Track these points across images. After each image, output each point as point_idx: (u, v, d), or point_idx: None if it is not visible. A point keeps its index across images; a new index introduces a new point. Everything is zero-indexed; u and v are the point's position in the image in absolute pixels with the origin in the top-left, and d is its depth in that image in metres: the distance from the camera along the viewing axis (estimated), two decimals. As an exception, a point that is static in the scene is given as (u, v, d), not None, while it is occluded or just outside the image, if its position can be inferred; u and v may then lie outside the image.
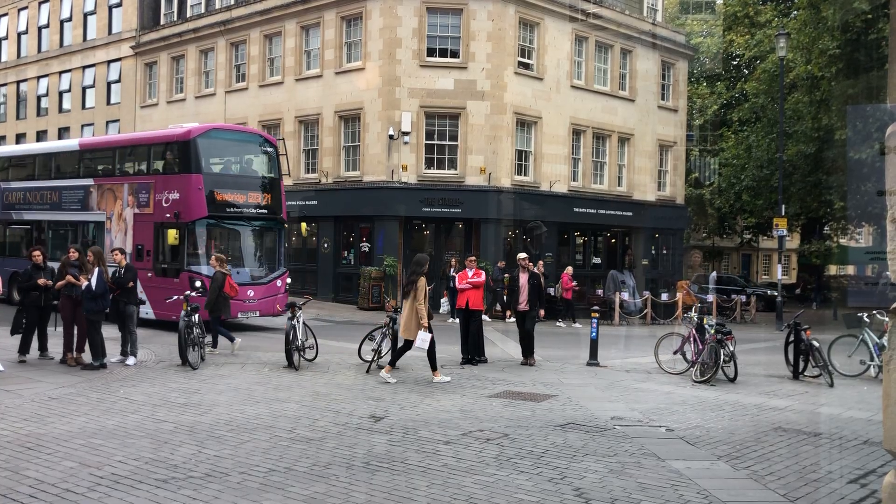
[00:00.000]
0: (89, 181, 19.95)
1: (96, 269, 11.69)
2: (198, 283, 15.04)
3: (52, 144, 28.78)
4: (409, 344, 11.65)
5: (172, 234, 16.71)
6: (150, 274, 17.51)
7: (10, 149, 30.36)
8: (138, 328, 12.96)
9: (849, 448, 8.06)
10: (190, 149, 17.50)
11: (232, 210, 18.04)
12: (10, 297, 19.33)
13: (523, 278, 13.80)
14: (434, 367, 11.60)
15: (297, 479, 6.31)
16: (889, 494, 2.96)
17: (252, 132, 21.11)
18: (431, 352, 11.59)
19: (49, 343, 12.72)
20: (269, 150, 19.40)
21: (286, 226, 19.75)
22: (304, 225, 21.03)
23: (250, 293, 17.53)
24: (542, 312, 14.04)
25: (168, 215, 17.24)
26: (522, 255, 14.40)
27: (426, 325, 11.39)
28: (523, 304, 13.70)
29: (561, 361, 14.28)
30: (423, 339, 11.30)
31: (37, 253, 12.37)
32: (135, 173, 19.33)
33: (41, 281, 11.95)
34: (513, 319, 13.85)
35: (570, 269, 23.72)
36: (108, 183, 19.39)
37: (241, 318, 17.78)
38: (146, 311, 17.63)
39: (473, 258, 14.40)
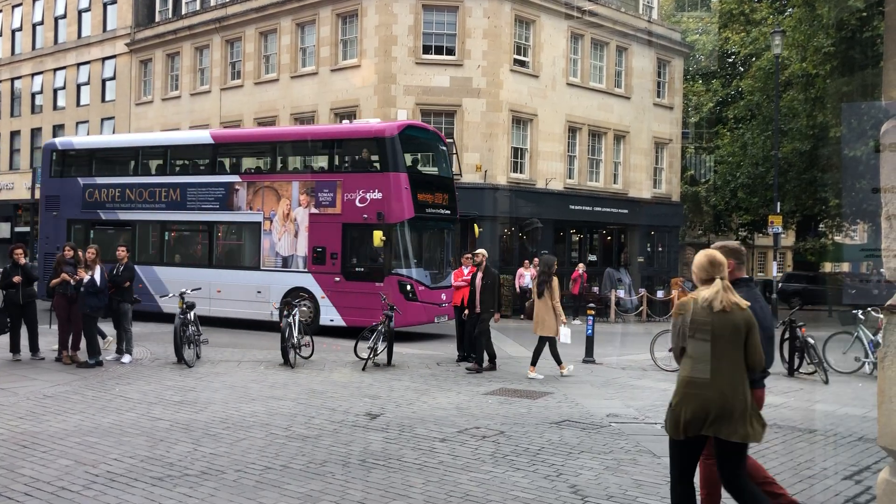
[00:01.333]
0: (233, 178, 18.44)
1: (98, 266, 11.79)
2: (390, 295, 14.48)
3: (160, 136, 24.68)
4: (543, 340, 12.14)
5: (378, 236, 15.66)
6: (337, 278, 16.63)
7: (94, 140, 25.95)
8: (134, 326, 12.93)
9: (843, 445, 8.08)
10: (392, 146, 16.54)
11: (430, 211, 17.28)
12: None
13: (477, 277, 13.05)
14: (559, 362, 12.19)
15: (293, 477, 6.31)
16: (884, 490, 2.97)
17: (433, 130, 19.52)
18: (554, 348, 12.20)
19: (43, 342, 12.68)
20: (444, 148, 18.70)
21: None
22: (476, 226, 19.11)
23: (443, 297, 16.70)
24: (497, 316, 13.34)
25: (365, 216, 16.31)
26: (481, 251, 13.85)
27: (564, 320, 12.30)
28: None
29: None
30: (565, 333, 12.24)
31: (18, 251, 12.34)
32: (313, 170, 18.12)
33: (16, 279, 11.89)
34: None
35: (581, 266, 23.87)
36: (266, 180, 17.94)
37: (437, 322, 16.85)
38: (332, 317, 16.64)
39: (469, 256, 14.39)
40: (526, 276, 22.89)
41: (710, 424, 4.48)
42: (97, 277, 11.76)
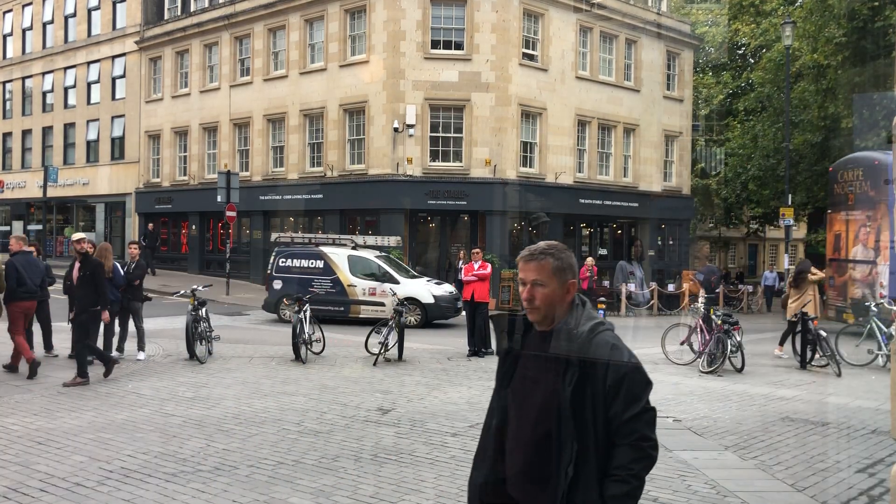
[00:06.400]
0: None
1: (115, 264, 11.89)
2: None
3: None
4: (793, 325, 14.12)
5: None
6: None
7: None
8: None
9: (856, 437, 8.05)
10: None
11: None
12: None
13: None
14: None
15: (305, 472, 6.33)
16: (897, 483, 2.95)
17: None
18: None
19: (57, 339, 12.76)
20: None
21: None
22: None
23: None
24: (105, 315, 10.68)
25: None
26: (476, 249, 14.53)
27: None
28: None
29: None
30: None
31: (32, 249, 12.42)
32: None
33: None
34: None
35: (590, 260, 23.84)
36: None
37: None
38: None
39: (478, 250, 14.40)
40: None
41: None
42: (114, 275, 11.82)
